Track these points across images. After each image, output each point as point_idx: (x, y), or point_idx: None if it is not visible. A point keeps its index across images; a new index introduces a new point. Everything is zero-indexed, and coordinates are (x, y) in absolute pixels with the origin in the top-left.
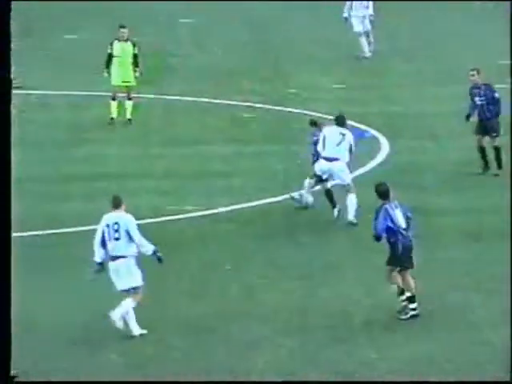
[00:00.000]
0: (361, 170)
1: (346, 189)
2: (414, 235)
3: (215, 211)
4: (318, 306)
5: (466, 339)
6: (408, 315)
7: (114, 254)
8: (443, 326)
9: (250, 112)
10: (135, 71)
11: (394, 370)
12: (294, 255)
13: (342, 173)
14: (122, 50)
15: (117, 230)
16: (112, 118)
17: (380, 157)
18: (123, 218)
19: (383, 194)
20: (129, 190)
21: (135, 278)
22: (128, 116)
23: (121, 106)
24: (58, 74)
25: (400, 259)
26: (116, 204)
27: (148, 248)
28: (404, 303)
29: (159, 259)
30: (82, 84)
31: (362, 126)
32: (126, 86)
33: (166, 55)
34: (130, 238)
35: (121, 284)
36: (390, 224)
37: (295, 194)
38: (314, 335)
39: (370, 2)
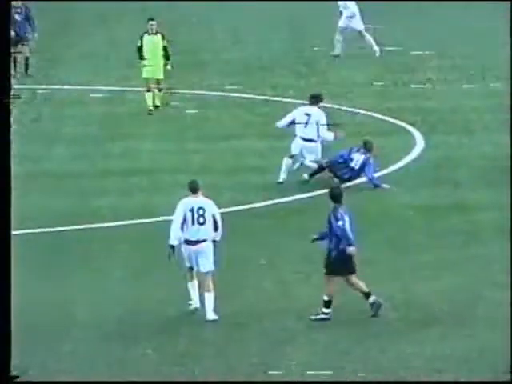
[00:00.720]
0: (395, 166)
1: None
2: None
3: (249, 206)
4: (353, 302)
5: (502, 337)
6: (320, 316)
7: (197, 238)
8: (479, 323)
9: (284, 107)
10: (166, 64)
11: (428, 366)
12: None
13: (311, 154)
14: (152, 43)
15: (202, 215)
16: (150, 110)
17: (414, 152)
18: (208, 203)
19: (337, 197)
20: (163, 185)
21: (212, 262)
22: (157, 103)
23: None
24: (92, 70)
25: (352, 265)
26: (194, 189)
27: (218, 235)
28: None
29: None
30: (116, 79)
31: (397, 122)
32: (156, 79)
33: (201, 51)
34: (214, 223)
35: (204, 266)
36: (341, 232)
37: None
38: (349, 331)
39: (348, 2)
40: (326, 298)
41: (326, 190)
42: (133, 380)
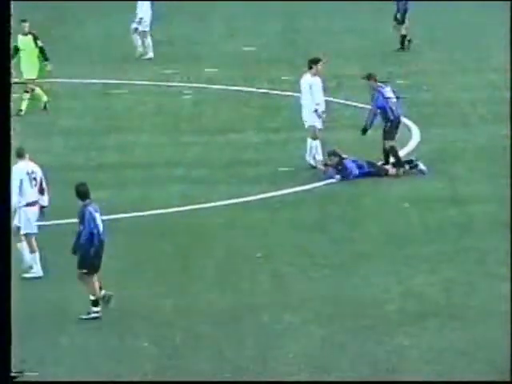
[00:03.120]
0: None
1: None
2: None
3: (245, 199)
4: (349, 295)
5: (498, 329)
6: (91, 315)
7: (32, 200)
8: (475, 315)
9: (280, 100)
10: (45, 65)
11: (425, 359)
12: (325, 244)
13: None
14: (23, 44)
15: (35, 178)
16: (45, 107)
17: (410, 145)
18: (37, 167)
19: (84, 194)
20: (159, 178)
21: None
22: (21, 107)
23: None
24: (88, 63)
25: (93, 263)
26: (21, 154)
27: (46, 200)
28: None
29: (43, 213)
30: (111, 72)
31: None
32: (28, 78)
33: (196, 44)
34: (40, 186)
35: (34, 227)
36: (94, 229)
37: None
38: (345, 324)
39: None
40: (92, 297)
41: (320, 183)
42: (129, 371)
